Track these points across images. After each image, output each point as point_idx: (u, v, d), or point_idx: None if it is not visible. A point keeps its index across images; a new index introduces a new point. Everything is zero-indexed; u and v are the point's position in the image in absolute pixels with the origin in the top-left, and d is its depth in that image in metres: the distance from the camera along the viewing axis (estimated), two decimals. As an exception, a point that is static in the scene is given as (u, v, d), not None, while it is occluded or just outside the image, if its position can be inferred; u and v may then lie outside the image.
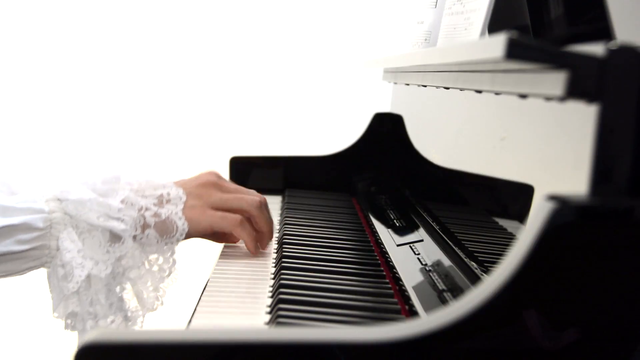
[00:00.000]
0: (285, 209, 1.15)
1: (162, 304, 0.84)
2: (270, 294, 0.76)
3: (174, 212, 0.79)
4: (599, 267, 0.48)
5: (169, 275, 0.81)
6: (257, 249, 0.87)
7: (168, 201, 0.80)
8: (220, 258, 0.88)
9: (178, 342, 0.47)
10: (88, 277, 0.75)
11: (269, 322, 0.68)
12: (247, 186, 0.98)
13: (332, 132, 1.97)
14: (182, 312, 0.96)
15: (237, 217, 0.83)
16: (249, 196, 0.86)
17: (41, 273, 0.80)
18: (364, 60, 1.33)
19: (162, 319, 0.95)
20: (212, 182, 0.84)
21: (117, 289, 0.78)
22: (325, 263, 0.85)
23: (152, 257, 0.80)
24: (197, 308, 0.72)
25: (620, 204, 0.48)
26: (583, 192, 0.49)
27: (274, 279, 0.81)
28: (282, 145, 2.02)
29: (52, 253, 0.76)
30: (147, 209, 0.78)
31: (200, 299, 0.75)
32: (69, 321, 0.78)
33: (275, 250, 0.92)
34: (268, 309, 0.71)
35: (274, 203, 1.22)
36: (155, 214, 0.78)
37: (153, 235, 0.78)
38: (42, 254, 0.76)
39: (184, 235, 0.79)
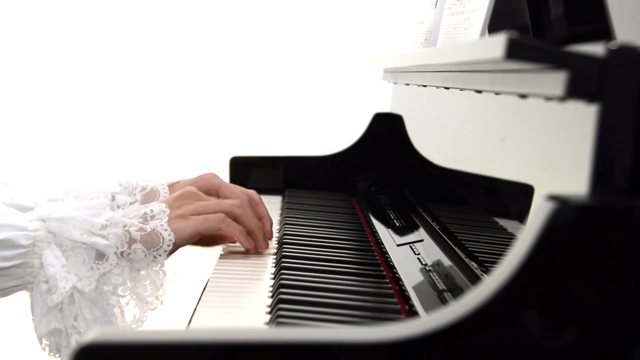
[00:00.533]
0: (285, 209, 1.15)
1: (162, 303, 0.84)
2: (270, 294, 0.76)
3: (159, 224, 0.80)
4: (599, 267, 0.48)
5: (160, 287, 0.81)
6: (250, 243, 0.87)
7: (152, 217, 0.81)
8: (220, 258, 0.88)
9: (178, 342, 0.47)
10: (72, 294, 0.75)
11: (269, 322, 0.68)
12: (246, 186, 0.98)
13: (332, 132, 1.97)
14: (182, 312, 0.96)
15: (220, 214, 0.83)
16: (228, 200, 0.87)
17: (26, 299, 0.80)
18: (364, 60, 1.33)
19: (162, 319, 0.95)
20: (190, 193, 0.85)
21: (105, 305, 0.78)
22: (325, 263, 0.85)
23: (142, 272, 0.80)
24: (197, 308, 0.72)
25: (620, 204, 0.48)
26: (583, 192, 0.49)
27: (274, 279, 0.81)
28: (282, 145, 2.02)
29: (35, 272, 0.76)
30: (131, 226, 0.79)
31: (200, 298, 0.75)
32: (51, 343, 0.77)
33: (275, 250, 0.92)
34: (268, 309, 0.71)
35: (274, 203, 1.22)
36: (141, 229, 0.79)
37: (140, 249, 0.78)
38: (25, 273, 0.76)
39: (171, 246, 0.79)
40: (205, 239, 0.90)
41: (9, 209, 0.78)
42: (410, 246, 0.89)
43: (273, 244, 0.95)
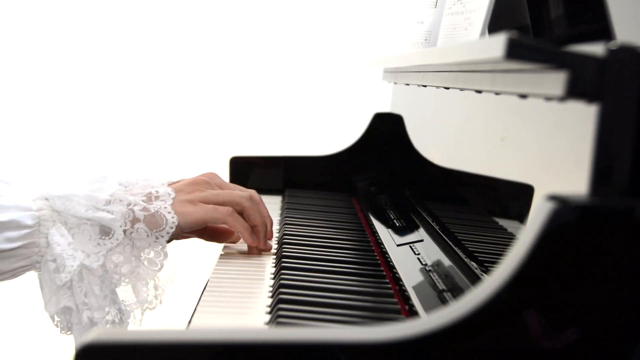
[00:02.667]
0: (285, 209, 1.15)
1: (161, 303, 0.84)
2: (270, 294, 0.76)
3: (163, 206, 0.79)
4: (599, 267, 0.48)
5: (160, 269, 0.80)
6: (254, 240, 0.87)
7: (157, 198, 0.80)
8: (220, 258, 0.88)
9: (178, 342, 0.47)
10: (80, 270, 0.75)
11: (269, 322, 0.68)
12: (247, 186, 0.98)
13: (332, 132, 1.97)
14: (182, 312, 0.96)
15: (228, 208, 0.83)
16: (238, 191, 0.87)
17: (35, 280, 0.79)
18: (364, 60, 1.33)
19: (162, 319, 0.95)
20: (202, 180, 0.85)
21: (110, 282, 0.78)
22: (325, 263, 0.85)
23: (144, 252, 0.80)
24: (197, 308, 0.72)
25: (620, 204, 0.48)
26: (583, 192, 0.49)
27: (274, 279, 0.81)
28: (282, 145, 2.02)
29: (42, 251, 0.76)
30: (135, 204, 0.78)
31: (200, 298, 0.75)
32: (62, 321, 0.77)
33: (275, 250, 0.92)
34: (268, 309, 0.71)
35: (274, 203, 1.22)
36: (145, 209, 0.78)
37: (143, 229, 0.78)
38: (32, 253, 0.76)
39: (174, 229, 0.79)
40: (208, 232, 0.90)
41: (11, 189, 0.78)
42: (410, 246, 0.89)
43: (273, 244, 0.95)
